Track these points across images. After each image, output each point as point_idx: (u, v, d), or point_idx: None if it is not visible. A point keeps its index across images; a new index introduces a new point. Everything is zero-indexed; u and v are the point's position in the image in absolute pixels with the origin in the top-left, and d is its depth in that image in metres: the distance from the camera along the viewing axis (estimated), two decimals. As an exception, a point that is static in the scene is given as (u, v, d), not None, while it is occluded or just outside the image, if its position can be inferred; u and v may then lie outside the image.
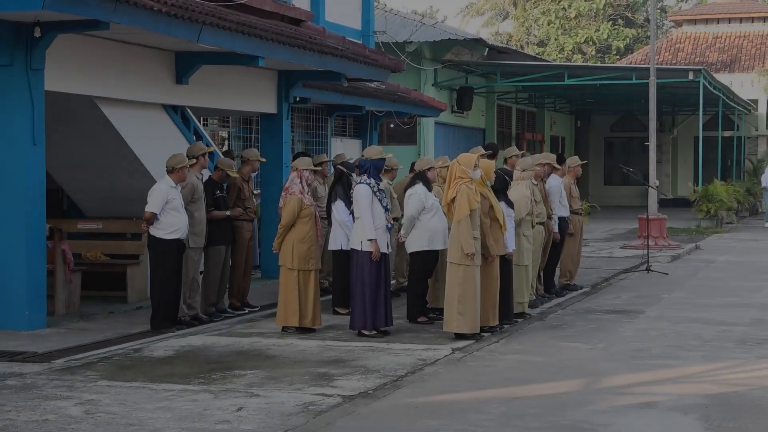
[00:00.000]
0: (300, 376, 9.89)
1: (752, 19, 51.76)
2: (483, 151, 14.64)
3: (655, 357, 11.09)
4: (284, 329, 12.46)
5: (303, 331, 12.39)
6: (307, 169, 12.60)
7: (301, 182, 12.48)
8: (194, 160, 13.08)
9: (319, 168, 14.98)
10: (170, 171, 12.63)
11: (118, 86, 14.00)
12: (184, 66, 14.68)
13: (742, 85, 46.70)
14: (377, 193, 12.14)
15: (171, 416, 8.34)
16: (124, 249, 15.24)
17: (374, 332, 12.16)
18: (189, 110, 16.49)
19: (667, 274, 19.28)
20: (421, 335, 12.34)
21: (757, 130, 47.56)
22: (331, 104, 21.37)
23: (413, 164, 14.30)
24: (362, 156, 12.83)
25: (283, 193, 12.63)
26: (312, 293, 12.43)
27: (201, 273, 13.47)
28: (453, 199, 11.86)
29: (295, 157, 15.62)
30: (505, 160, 15.27)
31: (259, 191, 17.25)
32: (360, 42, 19.86)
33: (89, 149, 15.04)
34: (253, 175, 15.04)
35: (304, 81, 17.55)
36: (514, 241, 12.99)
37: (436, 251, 13.15)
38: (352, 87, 19.83)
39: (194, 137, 16.62)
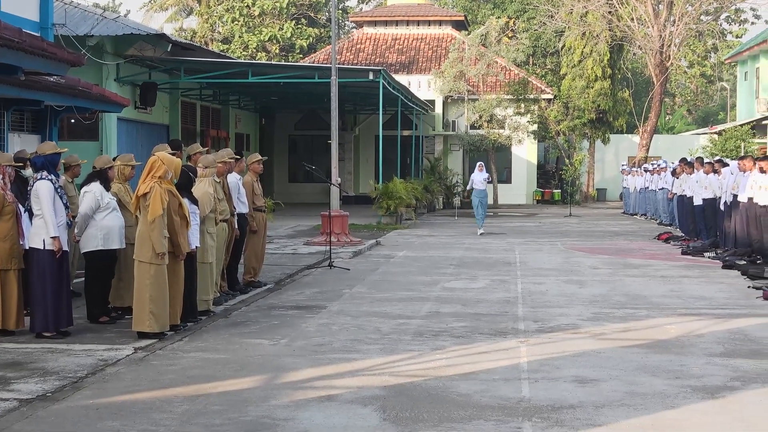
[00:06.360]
0: (-26, 381, 9.53)
1: (429, 23, 53.77)
2: (168, 148, 14.53)
3: (335, 351, 11.35)
4: None
5: (4, 333, 11.93)
6: (9, 165, 12.11)
7: (3, 178, 11.98)
8: None
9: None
10: None
11: None
12: None
13: (420, 86, 48.47)
14: (58, 190, 11.85)
15: None
16: None
17: (54, 333, 11.84)
18: None
19: (348, 269, 19.76)
20: (103, 335, 12.12)
21: (434, 130, 49.42)
22: (8, 98, 20.61)
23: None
24: (35, 152, 12.44)
25: None
26: (15, 294, 11.93)
27: None
28: (145, 195, 11.74)
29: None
30: (189, 157, 15.21)
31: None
32: (38, 34, 19.19)
33: None
34: None
35: (-22, 74, 16.84)
36: (198, 237, 12.99)
37: (113, 250, 12.96)
38: (30, 81, 19.17)
39: None
